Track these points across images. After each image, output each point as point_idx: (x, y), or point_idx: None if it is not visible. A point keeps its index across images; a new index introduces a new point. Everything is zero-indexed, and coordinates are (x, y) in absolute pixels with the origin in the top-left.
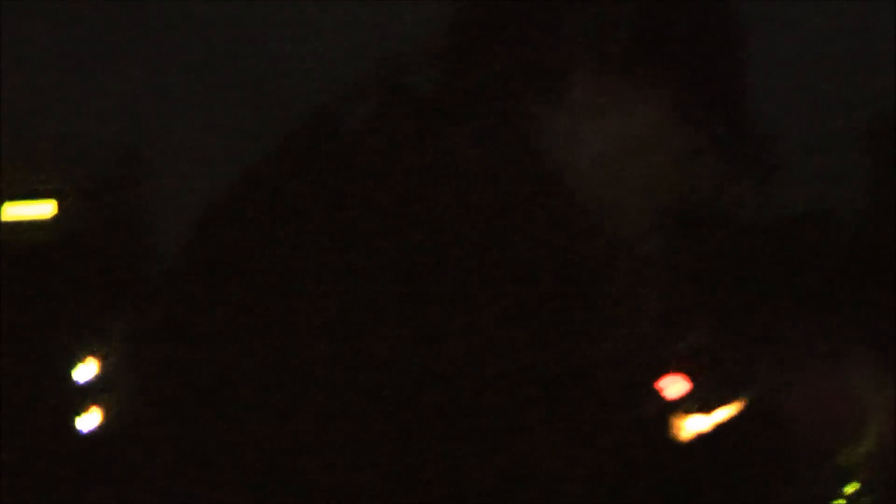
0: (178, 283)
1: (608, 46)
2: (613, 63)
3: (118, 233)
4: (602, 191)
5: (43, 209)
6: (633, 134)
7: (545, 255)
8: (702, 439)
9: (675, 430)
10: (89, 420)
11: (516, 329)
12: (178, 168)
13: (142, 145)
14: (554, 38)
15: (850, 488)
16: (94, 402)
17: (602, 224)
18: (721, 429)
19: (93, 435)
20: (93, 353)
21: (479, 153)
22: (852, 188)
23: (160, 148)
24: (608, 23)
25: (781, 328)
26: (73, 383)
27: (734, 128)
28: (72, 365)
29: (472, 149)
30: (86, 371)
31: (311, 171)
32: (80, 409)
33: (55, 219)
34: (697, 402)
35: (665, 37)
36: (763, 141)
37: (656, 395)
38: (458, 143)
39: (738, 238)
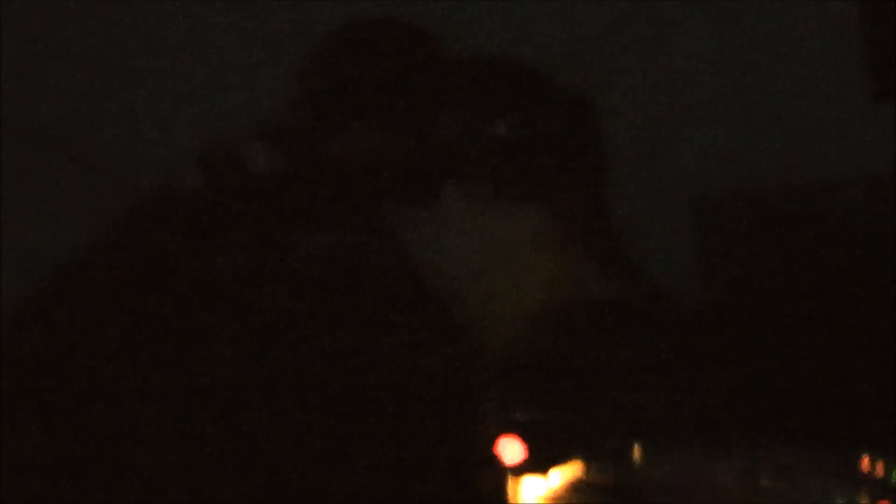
0: None
1: (479, 153)
2: (483, 170)
3: None
4: (469, 292)
5: None
6: (502, 239)
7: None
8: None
9: (513, 496)
10: None
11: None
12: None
13: None
14: (424, 144)
15: None
16: None
17: (469, 327)
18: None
19: None
20: None
21: (339, 253)
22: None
23: None
24: (478, 130)
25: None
26: None
27: (598, 226)
28: None
29: (325, 250)
30: None
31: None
32: None
33: None
34: (534, 466)
35: (533, 145)
36: (624, 240)
37: (495, 462)
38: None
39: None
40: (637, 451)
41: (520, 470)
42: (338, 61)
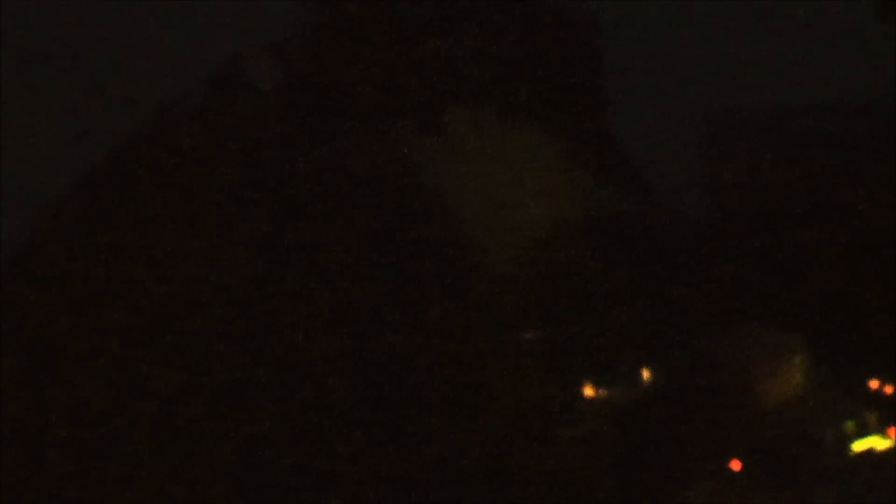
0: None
1: (481, 75)
2: (488, 91)
3: None
4: (476, 212)
5: None
6: (508, 159)
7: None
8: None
9: None
10: None
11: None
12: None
13: None
14: (427, 66)
15: None
16: None
17: (481, 243)
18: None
19: None
20: None
21: (351, 164)
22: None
23: None
24: (480, 52)
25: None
26: None
27: (603, 141)
28: None
29: (343, 158)
30: None
31: (156, 170)
32: None
33: None
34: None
35: (535, 65)
36: (628, 152)
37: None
38: (325, 151)
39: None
40: (647, 373)
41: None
42: None
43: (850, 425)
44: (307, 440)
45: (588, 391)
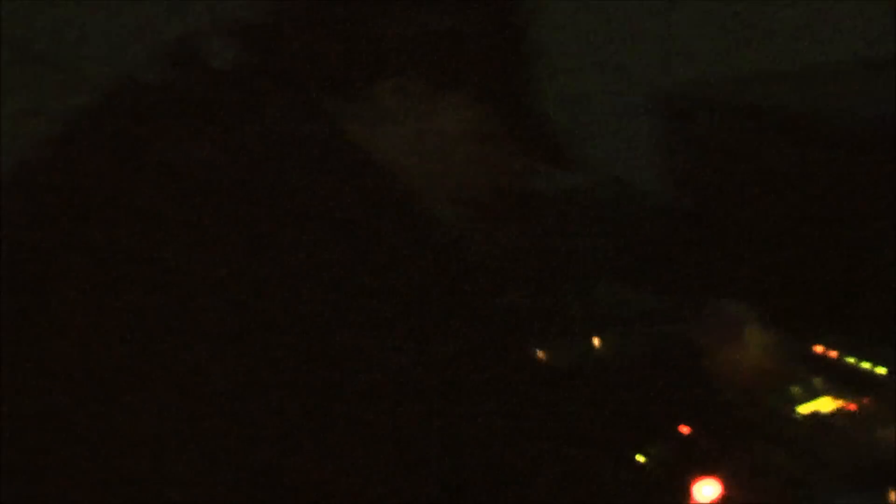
0: None
1: (414, 50)
2: (419, 66)
3: None
4: (409, 181)
5: None
6: (437, 130)
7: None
8: None
9: None
10: None
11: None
12: None
13: None
14: (363, 40)
15: None
16: None
17: (413, 215)
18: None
19: None
20: None
21: (283, 137)
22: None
23: None
24: (415, 29)
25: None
26: None
27: (531, 119)
28: None
29: (274, 131)
30: None
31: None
32: None
33: None
34: None
35: (463, 39)
36: (555, 129)
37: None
38: (253, 128)
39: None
40: (597, 342)
41: None
42: None
43: (796, 390)
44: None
45: (540, 357)
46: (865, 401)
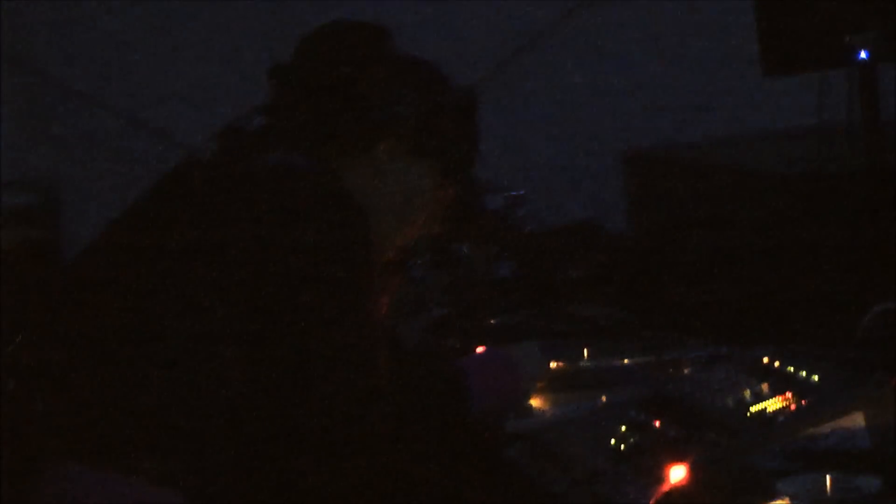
0: None
1: (402, 122)
2: (404, 134)
3: None
4: (387, 220)
5: None
6: (411, 186)
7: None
8: None
9: None
10: None
11: None
12: None
13: None
14: (366, 107)
15: None
16: None
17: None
18: None
19: None
20: None
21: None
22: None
23: None
24: (403, 104)
25: None
26: None
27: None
28: None
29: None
30: None
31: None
32: None
33: None
34: None
35: (436, 122)
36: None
37: None
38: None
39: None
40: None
41: None
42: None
43: (747, 393)
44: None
45: None
46: (803, 402)
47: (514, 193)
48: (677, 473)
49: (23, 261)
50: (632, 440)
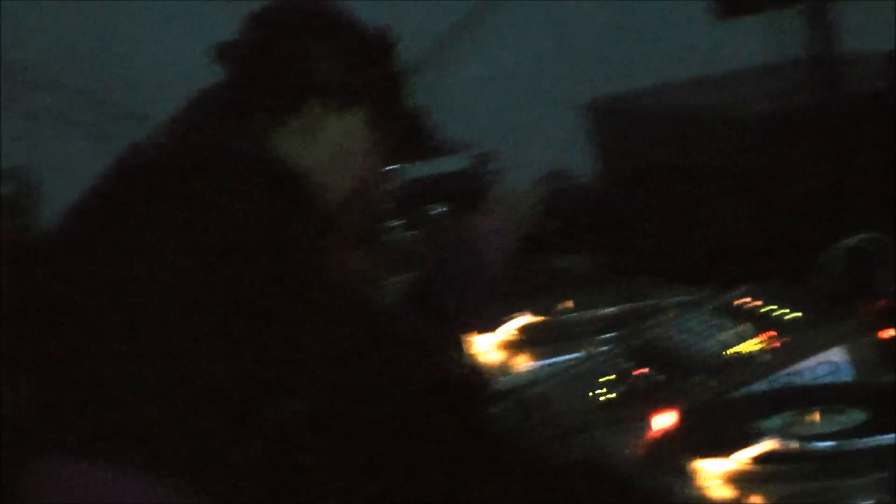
0: None
1: (324, 76)
2: (329, 88)
3: None
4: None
5: None
6: (344, 139)
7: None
8: None
9: None
10: None
11: None
12: None
13: None
14: (295, 67)
15: None
16: None
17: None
18: None
19: None
20: None
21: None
22: None
23: None
24: (323, 58)
25: None
26: None
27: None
28: None
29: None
30: None
31: None
32: None
33: None
34: None
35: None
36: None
37: None
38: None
39: None
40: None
41: None
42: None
43: (728, 335)
44: None
45: None
46: (784, 339)
47: (481, 151)
48: (664, 420)
49: (2, 251)
50: (616, 390)
